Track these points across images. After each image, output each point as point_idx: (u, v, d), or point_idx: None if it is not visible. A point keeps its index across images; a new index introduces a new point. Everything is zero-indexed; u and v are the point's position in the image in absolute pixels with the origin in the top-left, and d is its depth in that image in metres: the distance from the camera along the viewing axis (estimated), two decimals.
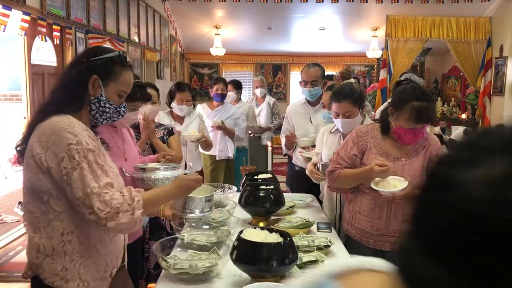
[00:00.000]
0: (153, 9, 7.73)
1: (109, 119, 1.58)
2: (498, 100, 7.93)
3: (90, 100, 1.52)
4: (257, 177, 2.75)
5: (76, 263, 1.45)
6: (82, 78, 1.50)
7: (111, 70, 1.54)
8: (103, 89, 1.52)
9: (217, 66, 11.95)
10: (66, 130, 1.39)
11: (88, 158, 1.39)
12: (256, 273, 1.60)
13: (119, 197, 1.40)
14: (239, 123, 4.44)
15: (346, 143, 2.28)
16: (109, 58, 1.54)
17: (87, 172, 1.37)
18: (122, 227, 1.40)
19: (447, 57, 10.49)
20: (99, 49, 1.60)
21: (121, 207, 1.38)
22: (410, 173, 2.10)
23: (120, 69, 1.56)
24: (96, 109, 1.53)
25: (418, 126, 2.05)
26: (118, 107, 1.58)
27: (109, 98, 1.54)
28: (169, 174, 2.13)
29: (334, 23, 9.87)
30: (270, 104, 5.68)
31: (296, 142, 3.35)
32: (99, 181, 1.39)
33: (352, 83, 2.79)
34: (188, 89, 3.57)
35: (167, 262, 1.74)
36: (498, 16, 7.95)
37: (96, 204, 1.35)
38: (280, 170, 7.16)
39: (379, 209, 2.16)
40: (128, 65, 1.60)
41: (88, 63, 1.52)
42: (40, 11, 4.00)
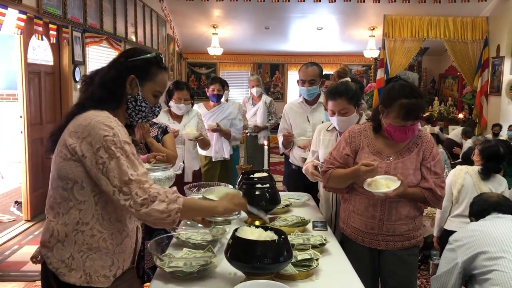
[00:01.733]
0: (150, 8, 7.73)
1: (144, 118, 1.63)
2: (495, 100, 7.95)
3: (127, 99, 1.57)
4: (253, 175, 2.75)
5: (83, 255, 1.46)
6: (120, 77, 1.55)
7: (148, 71, 1.59)
8: (140, 89, 1.57)
9: (214, 65, 11.96)
10: (103, 123, 1.43)
11: (125, 149, 1.43)
12: (251, 271, 1.59)
13: (159, 188, 1.44)
14: (235, 123, 4.39)
15: (339, 143, 2.29)
16: (147, 59, 1.59)
17: (124, 161, 1.41)
18: (155, 215, 1.41)
19: (444, 57, 10.51)
20: (138, 50, 1.65)
21: (158, 196, 1.41)
22: (403, 171, 2.08)
23: (156, 70, 1.60)
24: (132, 107, 1.58)
25: (408, 123, 2.02)
26: (153, 107, 1.63)
27: (145, 97, 1.59)
28: (160, 175, 2.11)
29: (332, 22, 9.89)
30: (267, 103, 5.68)
31: (293, 141, 3.35)
32: (137, 170, 1.43)
33: (347, 81, 2.79)
34: (186, 87, 3.56)
35: (162, 260, 1.74)
36: (495, 16, 7.98)
37: (135, 190, 1.39)
38: (277, 169, 7.16)
39: (373, 208, 2.14)
40: (164, 67, 1.64)
41: (127, 63, 1.57)
42: (37, 10, 4.00)
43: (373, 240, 2.17)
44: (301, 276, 1.72)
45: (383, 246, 2.16)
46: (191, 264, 1.70)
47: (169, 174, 2.17)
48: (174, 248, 1.96)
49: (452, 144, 7.05)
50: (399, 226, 2.13)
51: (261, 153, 5.47)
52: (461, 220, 3.12)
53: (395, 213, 2.12)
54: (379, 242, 2.16)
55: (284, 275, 1.69)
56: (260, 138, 5.59)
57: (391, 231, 2.13)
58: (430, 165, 2.11)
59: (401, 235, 2.15)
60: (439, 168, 2.13)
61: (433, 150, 2.14)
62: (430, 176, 2.10)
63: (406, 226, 2.14)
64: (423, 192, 2.10)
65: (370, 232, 2.17)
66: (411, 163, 2.11)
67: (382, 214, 2.13)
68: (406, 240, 2.16)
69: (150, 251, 1.79)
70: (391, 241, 2.15)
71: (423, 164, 2.12)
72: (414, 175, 2.11)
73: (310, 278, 1.73)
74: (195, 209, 1.59)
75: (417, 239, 2.20)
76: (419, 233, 2.21)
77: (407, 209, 2.14)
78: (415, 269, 2.30)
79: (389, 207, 2.12)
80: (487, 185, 3.15)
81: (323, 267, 1.81)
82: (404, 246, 2.16)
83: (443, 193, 2.13)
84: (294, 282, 1.68)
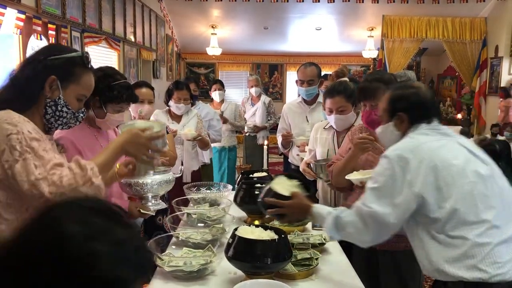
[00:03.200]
0: (149, 8, 7.72)
1: (65, 124, 1.46)
2: (493, 100, 7.97)
3: (46, 103, 1.39)
4: (252, 175, 2.75)
5: None
6: (37, 78, 1.38)
7: (71, 71, 1.41)
8: (62, 92, 1.40)
9: (213, 65, 11.95)
10: (5, 122, 1.28)
11: (33, 146, 1.28)
12: (251, 270, 1.60)
13: (69, 173, 1.28)
14: (213, 124, 4.16)
15: (344, 140, 2.37)
16: (70, 58, 1.42)
17: (31, 161, 1.25)
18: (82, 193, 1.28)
19: (443, 57, 10.53)
20: (59, 47, 1.52)
21: (74, 182, 1.27)
22: None
23: (81, 71, 1.44)
24: (52, 112, 1.41)
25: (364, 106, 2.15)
26: (76, 113, 1.46)
27: (68, 102, 1.42)
28: (159, 178, 2.05)
29: (330, 23, 9.89)
30: (266, 103, 5.67)
31: (292, 141, 3.36)
32: (46, 165, 1.27)
33: (346, 80, 2.81)
34: (186, 87, 3.52)
35: (162, 260, 1.74)
36: (494, 17, 7.99)
37: (46, 189, 1.24)
38: (276, 169, 7.17)
39: None
40: (90, 67, 1.49)
41: (46, 62, 1.39)
42: (36, 9, 3.99)
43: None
44: (301, 276, 1.72)
45: (380, 246, 2.08)
46: (191, 263, 1.70)
47: (168, 178, 2.11)
48: (174, 248, 1.96)
49: None
50: None
51: (260, 153, 5.46)
52: None
53: None
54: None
55: (284, 274, 1.70)
56: (259, 138, 5.58)
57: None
58: None
59: (398, 236, 2.02)
60: None
61: None
62: None
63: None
64: None
65: None
66: None
67: None
68: (402, 242, 2.02)
69: (150, 250, 1.79)
70: (388, 241, 2.08)
71: None
72: None
73: (310, 277, 1.74)
74: (107, 161, 1.43)
75: None
76: None
77: None
78: (416, 274, 2.10)
79: None
80: None
81: (322, 267, 1.82)
82: (400, 248, 2.04)
83: None
84: (294, 282, 1.68)
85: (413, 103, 1.65)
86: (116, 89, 2.01)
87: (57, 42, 4.16)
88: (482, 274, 1.41)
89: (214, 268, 1.75)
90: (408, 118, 1.64)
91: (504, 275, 1.42)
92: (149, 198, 2.06)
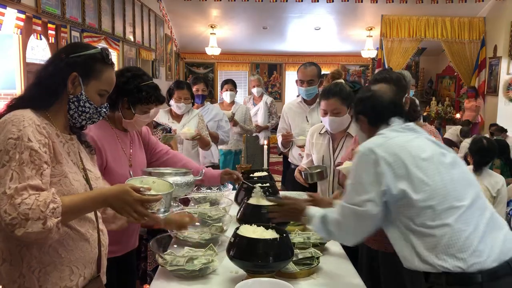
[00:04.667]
0: (148, 8, 7.72)
1: (89, 119, 1.49)
2: (492, 100, 7.98)
3: (69, 99, 1.43)
4: (253, 175, 2.76)
5: (35, 270, 1.33)
6: (60, 75, 1.41)
7: (92, 68, 1.45)
8: (83, 88, 1.44)
9: (212, 65, 11.95)
10: (12, 123, 1.30)
11: (22, 156, 1.26)
12: (252, 269, 1.60)
13: (32, 201, 1.22)
14: (222, 125, 4.08)
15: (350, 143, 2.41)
16: (91, 55, 1.45)
17: (12, 170, 1.24)
18: (32, 237, 1.23)
19: (442, 57, 10.55)
20: (80, 45, 1.54)
21: (30, 213, 1.21)
22: None
23: (102, 66, 1.47)
24: (75, 108, 1.44)
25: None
26: (99, 108, 1.49)
27: (90, 97, 1.45)
28: (180, 179, 2.05)
29: (329, 22, 9.90)
30: (268, 104, 5.63)
31: (292, 140, 3.37)
32: (23, 182, 1.24)
33: (341, 82, 2.81)
34: (187, 87, 3.48)
35: (164, 259, 1.74)
36: (492, 16, 8.01)
37: (4, 207, 1.21)
38: (276, 169, 7.17)
39: None
40: (111, 63, 1.51)
41: (68, 60, 1.43)
42: (35, 9, 3.99)
43: (369, 238, 2.02)
44: (302, 274, 1.73)
45: (376, 246, 2.07)
46: (193, 262, 1.71)
47: (189, 180, 2.11)
48: (176, 247, 1.96)
49: (449, 144, 7.11)
50: None
51: (262, 154, 5.43)
52: None
53: None
54: (372, 242, 2.07)
55: (285, 273, 1.71)
56: (261, 138, 5.54)
57: (382, 230, 1.99)
58: None
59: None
60: None
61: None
62: None
63: None
64: None
65: None
66: None
67: None
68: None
69: (152, 249, 1.79)
70: (383, 242, 1.97)
71: None
72: None
73: (311, 276, 1.75)
74: (78, 207, 1.35)
75: None
76: None
77: None
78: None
79: None
80: (483, 183, 3.18)
81: (324, 266, 1.83)
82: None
83: None
84: (295, 280, 1.69)
85: (368, 106, 1.74)
86: (145, 90, 2.02)
87: (79, 41, 4.22)
88: (461, 263, 1.43)
89: (216, 267, 1.76)
90: (366, 120, 1.74)
91: (482, 264, 1.44)
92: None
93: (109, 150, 1.97)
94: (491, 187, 3.19)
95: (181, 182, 2.05)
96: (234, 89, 4.88)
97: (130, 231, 2.10)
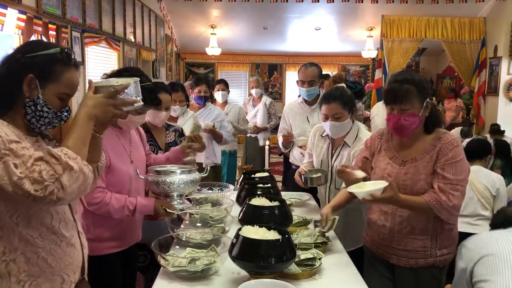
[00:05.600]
0: (149, 9, 7.72)
1: (49, 124, 1.37)
2: (492, 100, 7.98)
3: (25, 103, 1.32)
4: (254, 175, 2.76)
5: (25, 284, 1.27)
6: (13, 77, 1.30)
7: (51, 69, 1.33)
8: (41, 91, 1.32)
9: (212, 65, 11.95)
10: None
11: (11, 147, 1.19)
12: (255, 270, 1.60)
13: (46, 166, 1.18)
14: (224, 125, 4.15)
15: (362, 146, 2.28)
16: (49, 55, 1.33)
17: (10, 162, 1.17)
18: (76, 188, 1.21)
19: (442, 57, 10.55)
20: (38, 44, 1.42)
21: (55, 173, 1.17)
22: (414, 176, 1.94)
23: (62, 68, 1.35)
24: (32, 113, 1.32)
25: (395, 108, 1.93)
26: (59, 112, 1.37)
27: (48, 101, 1.33)
28: (185, 177, 2.08)
29: (330, 23, 9.90)
30: (267, 105, 5.62)
31: (293, 141, 3.36)
32: (27, 162, 1.18)
33: (343, 86, 2.80)
34: (181, 89, 3.49)
35: (166, 260, 1.74)
36: (493, 17, 8.00)
37: (30, 188, 1.16)
38: (276, 169, 7.17)
39: (384, 217, 2.03)
40: (73, 64, 1.39)
41: (23, 60, 1.31)
42: (36, 10, 3.99)
43: (385, 252, 2.05)
44: (304, 275, 1.73)
45: (395, 261, 2.02)
46: (195, 263, 1.70)
47: (194, 177, 2.14)
48: (178, 248, 1.96)
49: None
50: (412, 241, 1.96)
51: (261, 155, 5.43)
52: (463, 220, 3.10)
53: (406, 225, 1.96)
54: (390, 255, 2.03)
55: (287, 274, 1.71)
56: (260, 139, 5.54)
57: (403, 244, 1.98)
58: (438, 168, 1.90)
59: (415, 251, 1.96)
60: (451, 173, 1.87)
61: (450, 152, 1.89)
62: (437, 180, 1.89)
63: (421, 242, 1.95)
64: (425, 198, 1.87)
65: (381, 243, 2.06)
66: (424, 167, 1.93)
67: (392, 225, 2.00)
68: (422, 258, 1.96)
69: (154, 250, 1.79)
70: (403, 256, 1.99)
71: (435, 167, 1.92)
72: (425, 181, 1.92)
73: (313, 277, 1.75)
74: (79, 138, 1.29)
75: (437, 258, 1.96)
76: (442, 252, 1.97)
77: (422, 223, 1.94)
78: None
79: (400, 218, 1.98)
80: (482, 182, 3.19)
81: (326, 266, 1.82)
82: (419, 264, 1.96)
83: (451, 201, 1.84)
84: (297, 281, 1.69)
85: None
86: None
87: (37, 39, 3.85)
88: None
89: (218, 268, 1.76)
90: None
91: None
92: (175, 197, 2.10)
93: (111, 148, 2.00)
94: (491, 186, 3.20)
95: (187, 179, 2.08)
96: (226, 89, 4.91)
97: (133, 226, 2.13)
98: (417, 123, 1.93)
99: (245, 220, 1.94)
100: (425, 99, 1.94)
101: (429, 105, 1.96)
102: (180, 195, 2.14)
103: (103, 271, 2.02)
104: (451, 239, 2.00)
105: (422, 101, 1.93)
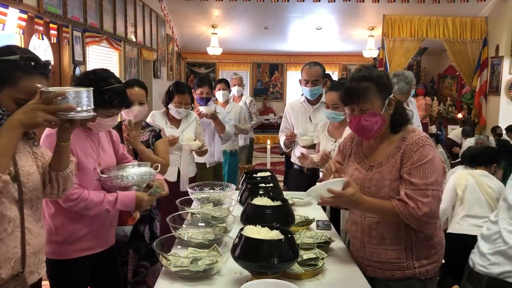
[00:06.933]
0: (150, 8, 7.72)
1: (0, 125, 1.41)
2: (494, 100, 7.97)
3: None
4: (255, 175, 2.75)
5: None
6: None
7: (8, 74, 1.40)
8: None
9: (213, 65, 11.96)
10: None
11: None
12: (257, 270, 1.59)
13: None
14: (226, 120, 4.09)
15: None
16: (8, 61, 1.40)
17: None
18: None
19: (443, 57, 10.54)
20: (5, 49, 1.46)
21: None
22: (378, 183, 1.77)
23: (21, 74, 1.41)
24: None
25: (352, 109, 1.78)
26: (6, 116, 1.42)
27: (3, 104, 1.41)
28: (137, 170, 2.07)
29: (331, 22, 9.89)
30: (247, 104, 5.48)
31: (295, 140, 3.35)
32: None
33: None
34: (188, 91, 3.35)
35: (168, 260, 1.73)
36: (494, 16, 7.99)
37: None
38: (277, 169, 7.16)
39: (355, 227, 1.89)
40: (39, 72, 1.44)
41: None
42: (37, 9, 3.99)
43: (361, 264, 1.87)
44: (307, 275, 1.72)
45: (371, 273, 1.83)
46: (197, 263, 1.69)
47: (146, 171, 2.12)
48: (179, 248, 1.95)
49: (451, 144, 7.12)
50: (383, 252, 1.78)
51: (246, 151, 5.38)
52: (471, 222, 3.05)
53: (375, 234, 1.79)
54: (366, 267, 1.85)
55: (290, 274, 1.69)
56: (239, 139, 5.24)
57: (375, 256, 1.81)
58: (404, 173, 1.71)
59: (389, 263, 1.78)
60: (418, 177, 1.68)
61: (415, 154, 1.70)
62: (404, 186, 1.70)
63: (394, 253, 1.76)
64: (393, 202, 1.70)
65: (357, 254, 1.90)
66: (388, 172, 1.75)
67: (362, 235, 1.84)
68: (398, 270, 1.77)
69: (156, 250, 1.78)
70: (378, 268, 1.81)
71: (401, 171, 1.73)
72: (390, 187, 1.74)
73: (316, 277, 1.73)
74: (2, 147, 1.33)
75: (416, 270, 1.76)
76: (421, 264, 1.77)
77: (392, 231, 1.76)
78: None
79: (368, 227, 1.82)
80: (490, 184, 3.17)
81: (328, 266, 1.81)
82: (396, 276, 1.77)
83: (421, 209, 1.64)
84: (300, 281, 1.68)
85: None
86: (108, 93, 1.96)
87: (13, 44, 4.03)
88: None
89: (220, 268, 1.75)
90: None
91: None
92: (135, 189, 2.08)
93: (80, 149, 1.96)
94: (497, 189, 3.16)
95: (139, 173, 2.07)
96: (227, 89, 4.83)
97: (107, 226, 2.10)
98: (379, 123, 1.74)
99: (247, 220, 1.93)
100: (387, 96, 1.77)
101: (392, 102, 1.79)
102: (138, 188, 2.10)
103: (68, 276, 1.99)
104: (431, 248, 1.79)
105: (383, 99, 1.75)
